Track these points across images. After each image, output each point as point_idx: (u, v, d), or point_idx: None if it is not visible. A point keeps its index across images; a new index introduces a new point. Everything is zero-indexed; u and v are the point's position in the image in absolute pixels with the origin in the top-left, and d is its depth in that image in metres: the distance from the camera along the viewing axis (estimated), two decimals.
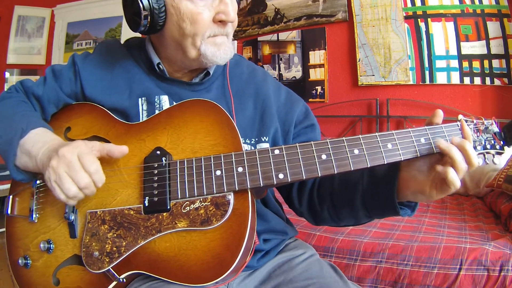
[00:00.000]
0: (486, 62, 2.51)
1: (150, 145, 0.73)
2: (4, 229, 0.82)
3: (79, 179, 0.65)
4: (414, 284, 1.43)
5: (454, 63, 2.58)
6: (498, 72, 2.48)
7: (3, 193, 2.57)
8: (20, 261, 0.76)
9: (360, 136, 0.66)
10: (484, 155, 0.68)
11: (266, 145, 0.82)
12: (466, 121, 0.68)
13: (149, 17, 0.71)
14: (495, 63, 2.48)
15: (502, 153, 0.68)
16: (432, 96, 2.68)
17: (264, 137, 0.82)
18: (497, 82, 2.49)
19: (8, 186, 0.85)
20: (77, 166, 0.65)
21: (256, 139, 0.82)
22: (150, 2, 0.70)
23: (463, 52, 2.55)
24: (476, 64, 2.53)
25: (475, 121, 0.69)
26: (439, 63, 2.62)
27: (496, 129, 0.69)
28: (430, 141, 0.66)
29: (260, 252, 0.82)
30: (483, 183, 2.27)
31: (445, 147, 0.63)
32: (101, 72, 0.83)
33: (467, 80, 2.56)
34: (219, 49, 0.75)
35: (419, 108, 2.73)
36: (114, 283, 0.70)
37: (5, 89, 0.87)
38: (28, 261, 0.76)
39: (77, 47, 3.87)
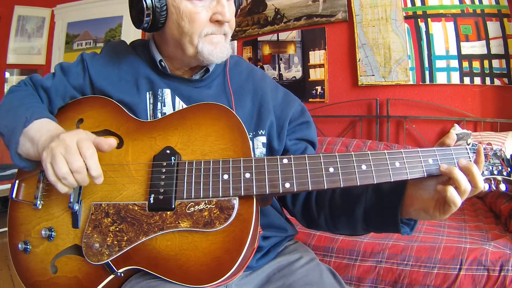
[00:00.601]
0: (486, 62, 2.50)
1: (161, 144, 0.74)
2: (5, 229, 0.82)
3: (73, 162, 0.65)
4: (414, 284, 1.43)
5: (454, 63, 2.58)
6: (498, 72, 2.48)
7: (3, 193, 2.56)
8: (20, 245, 0.77)
9: (368, 152, 0.66)
10: (491, 181, 0.68)
11: (262, 138, 0.84)
12: (475, 145, 0.69)
13: (151, 15, 0.76)
14: (495, 63, 2.48)
15: (509, 179, 0.68)
16: (432, 96, 2.68)
17: (261, 130, 0.85)
18: (497, 82, 2.49)
19: (8, 186, 0.85)
20: (74, 149, 0.65)
21: (254, 133, 0.85)
22: (153, 1, 0.74)
23: (463, 52, 2.55)
24: (476, 64, 2.53)
25: (484, 146, 0.69)
26: (439, 63, 2.62)
27: (504, 156, 0.69)
28: (438, 163, 0.66)
29: (260, 252, 0.82)
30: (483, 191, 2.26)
31: (445, 170, 0.64)
32: (109, 69, 0.86)
33: (467, 80, 2.56)
34: (216, 47, 0.78)
35: (419, 108, 2.73)
36: (111, 276, 0.70)
37: (5, 89, 0.89)
38: (28, 246, 0.76)
39: (77, 47, 3.87)
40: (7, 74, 3.72)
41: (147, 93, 0.84)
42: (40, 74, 0.88)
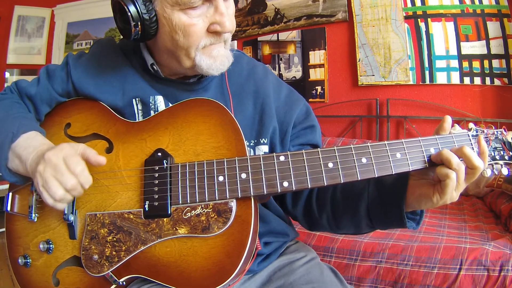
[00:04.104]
0: (486, 62, 2.50)
1: (151, 145, 0.71)
2: (4, 229, 0.81)
3: (66, 181, 0.64)
4: (414, 284, 1.43)
5: (454, 63, 2.58)
6: (498, 72, 2.48)
7: (3, 193, 2.56)
8: (20, 260, 0.76)
9: (368, 144, 0.64)
10: (492, 166, 0.66)
11: (265, 147, 0.80)
12: (477, 130, 0.67)
13: (139, 27, 0.68)
14: (495, 63, 2.48)
15: (511, 163, 0.67)
16: (432, 96, 2.68)
17: (263, 139, 0.80)
18: (497, 82, 2.49)
19: (7, 186, 0.84)
20: (63, 168, 0.64)
21: (255, 141, 0.80)
22: (140, 12, 0.67)
23: (463, 52, 2.55)
24: (476, 64, 2.53)
25: (485, 130, 0.67)
26: (439, 63, 2.62)
27: (505, 139, 0.67)
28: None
29: (261, 256, 0.81)
30: (483, 183, 2.27)
31: (435, 156, 0.63)
32: (94, 72, 0.82)
33: (467, 80, 2.56)
34: (215, 60, 0.72)
35: (419, 108, 2.73)
36: (113, 286, 0.70)
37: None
38: (28, 260, 0.76)
39: (77, 47, 3.87)
40: (7, 74, 3.72)
41: (134, 99, 0.79)
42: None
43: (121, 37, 0.79)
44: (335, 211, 0.78)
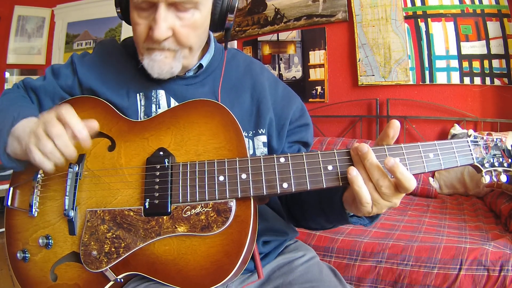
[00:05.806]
0: (486, 62, 2.50)
1: (154, 145, 0.72)
2: (3, 229, 0.81)
3: (51, 128, 0.64)
4: (414, 284, 1.43)
5: (454, 63, 2.58)
6: (498, 72, 2.48)
7: (3, 193, 2.55)
8: (18, 254, 0.76)
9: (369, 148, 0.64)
10: (491, 172, 0.67)
11: (263, 138, 0.83)
12: (476, 137, 0.67)
13: (121, 14, 0.78)
14: (495, 63, 2.48)
15: (510, 171, 0.67)
16: (432, 96, 2.68)
17: (261, 129, 0.83)
18: (497, 82, 2.49)
19: (7, 186, 0.84)
20: (53, 120, 0.64)
21: (254, 132, 0.82)
22: (120, 2, 0.77)
23: (463, 52, 2.55)
24: (476, 64, 2.53)
25: (485, 137, 0.68)
26: (439, 63, 2.62)
27: (505, 146, 0.68)
28: (439, 157, 0.63)
29: (259, 255, 0.81)
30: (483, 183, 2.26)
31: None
32: (99, 71, 0.84)
33: (467, 80, 2.56)
34: (153, 64, 0.74)
35: (419, 108, 2.73)
36: (111, 282, 0.70)
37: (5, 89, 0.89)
38: (27, 255, 0.76)
39: (77, 47, 3.87)
40: (7, 74, 3.71)
41: (137, 94, 0.81)
42: (40, 74, 0.88)
43: (122, 38, 0.81)
44: (289, 203, 0.85)
